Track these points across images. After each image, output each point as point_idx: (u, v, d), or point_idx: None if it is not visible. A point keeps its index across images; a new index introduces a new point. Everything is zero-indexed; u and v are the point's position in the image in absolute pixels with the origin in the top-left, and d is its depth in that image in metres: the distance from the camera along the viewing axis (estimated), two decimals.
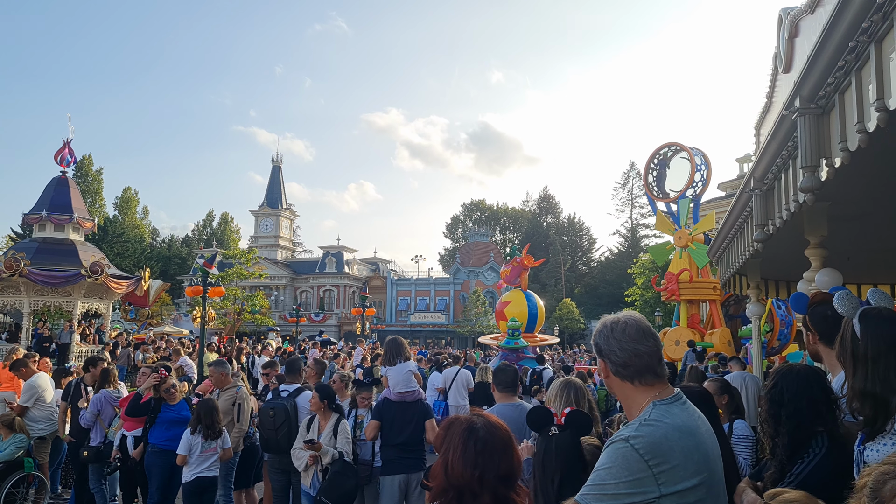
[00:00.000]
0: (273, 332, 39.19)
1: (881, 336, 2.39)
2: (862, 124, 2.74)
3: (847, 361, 2.45)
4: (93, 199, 62.11)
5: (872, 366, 2.35)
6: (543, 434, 2.71)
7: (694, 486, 1.82)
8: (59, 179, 21.69)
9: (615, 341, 2.03)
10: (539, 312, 18.87)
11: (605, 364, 2.07)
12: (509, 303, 18.72)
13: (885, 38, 2.57)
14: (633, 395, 2.02)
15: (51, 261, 19.73)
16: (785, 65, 4.99)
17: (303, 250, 74.36)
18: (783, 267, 8.01)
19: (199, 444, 6.10)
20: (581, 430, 2.70)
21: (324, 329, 53.24)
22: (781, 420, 2.73)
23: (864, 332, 2.42)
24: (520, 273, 19.29)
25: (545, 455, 2.65)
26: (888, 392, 2.29)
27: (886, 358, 2.34)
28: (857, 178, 4.06)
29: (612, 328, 2.06)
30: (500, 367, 5.07)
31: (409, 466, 5.65)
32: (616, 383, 2.06)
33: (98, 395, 7.42)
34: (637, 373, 2.00)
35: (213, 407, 6.29)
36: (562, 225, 77.11)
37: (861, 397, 2.34)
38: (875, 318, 2.44)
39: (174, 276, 62.79)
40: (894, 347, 2.36)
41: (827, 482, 2.39)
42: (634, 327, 2.04)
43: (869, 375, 2.34)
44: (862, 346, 2.40)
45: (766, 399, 2.89)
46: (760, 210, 4.75)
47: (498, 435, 2.09)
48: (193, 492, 6.11)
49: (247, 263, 42.80)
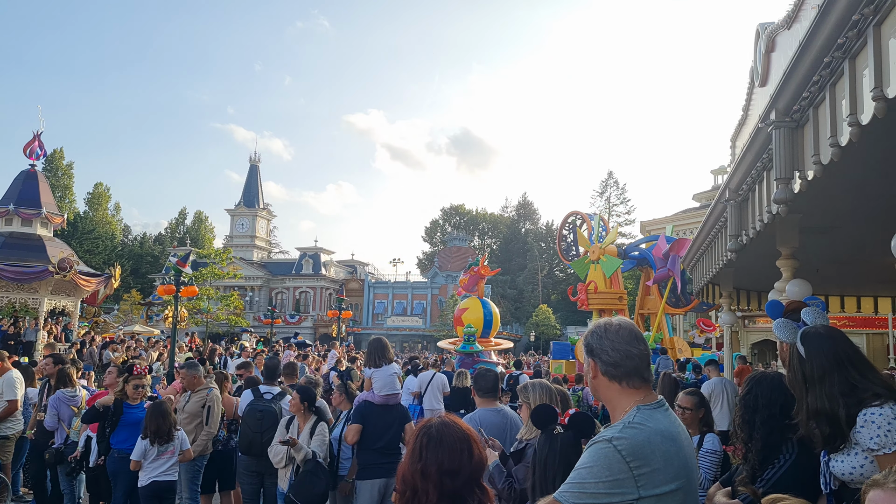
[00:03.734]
0: (247, 334, 38.75)
1: (823, 353, 2.46)
2: (835, 138, 2.80)
3: (798, 385, 2.51)
4: (63, 193, 60.93)
5: (819, 385, 2.42)
6: (547, 433, 2.72)
7: (672, 491, 1.85)
8: (28, 173, 21.22)
9: (608, 341, 2.06)
10: (494, 319, 19.73)
11: (594, 364, 2.09)
12: (466, 310, 19.50)
13: (859, 54, 2.63)
14: (618, 397, 2.04)
15: (17, 256, 19.27)
16: (761, 79, 5.09)
17: (279, 251, 73.79)
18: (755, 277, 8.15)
19: (155, 449, 5.95)
20: (583, 431, 2.71)
21: (299, 331, 52.71)
22: (755, 425, 2.78)
23: (808, 353, 2.48)
24: (477, 282, 20.14)
25: (548, 454, 2.67)
26: (836, 407, 2.36)
27: (831, 375, 2.42)
28: (828, 191, 4.15)
29: (605, 329, 2.09)
30: (480, 373, 5.05)
31: (388, 471, 5.56)
32: (603, 384, 2.08)
33: (54, 396, 7.24)
34: (626, 374, 2.03)
35: (161, 412, 6.03)
36: (540, 231, 77.48)
37: (816, 417, 2.40)
38: (814, 337, 2.51)
39: (146, 275, 61.80)
40: (836, 364, 2.43)
41: (795, 487, 2.43)
42: (627, 330, 2.08)
43: (818, 394, 2.41)
44: (808, 368, 2.47)
45: (740, 405, 2.93)
46: (735, 220, 4.83)
47: (449, 432, 2.13)
48: (151, 496, 5.95)
49: (221, 263, 42.27)
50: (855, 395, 2.35)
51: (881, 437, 2.23)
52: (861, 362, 2.44)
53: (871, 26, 2.46)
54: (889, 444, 2.22)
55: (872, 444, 2.25)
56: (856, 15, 2.49)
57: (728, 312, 9.53)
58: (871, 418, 2.27)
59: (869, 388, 2.35)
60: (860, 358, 2.46)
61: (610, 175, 72.71)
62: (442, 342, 21.97)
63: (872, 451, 2.25)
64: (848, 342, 2.50)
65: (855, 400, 2.33)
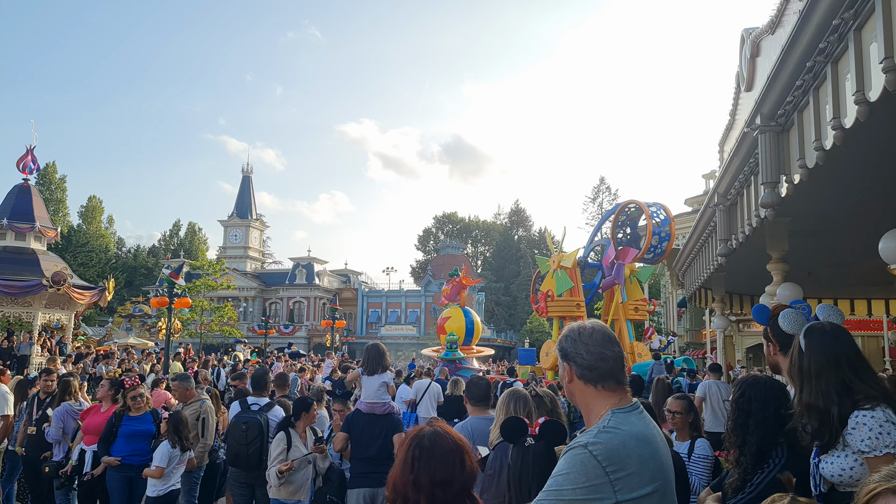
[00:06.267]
0: (241, 345, 38.59)
1: (823, 352, 2.47)
2: (819, 142, 2.83)
3: (796, 377, 2.53)
4: (56, 207, 60.61)
5: (815, 381, 2.43)
6: (519, 445, 2.69)
7: (649, 494, 1.85)
8: (21, 187, 21.17)
9: (582, 345, 2.05)
10: (476, 327, 20.49)
11: (569, 368, 2.08)
12: (449, 318, 20.20)
13: (840, 58, 2.66)
14: (593, 400, 2.04)
15: (11, 270, 19.20)
16: (747, 83, 5.12)
17: (273, 261, 73.56)
18: (747, 281, 8.18)
19: (177, 454, 6.01)
20: (556, 439, 2.68)
21: (293, 341, 52.55)
22: (749, 429, 2.77)
23: (808, 348, 2.49)
24: (459, 291, 20.89)
25: (522, 467, 2.63)
26: (829, 404, 2.37)
27: (828, 373, 2.42)
28: (816, 194, 4.18)
29: (579, 332, 2.09)
30: (472, 381, 5.04)
31: (376, 481, 5.55)
32: (578, 388, 2.07)
33: (60, 408, 7.20)
34: (601, 377, 2.02)
35: (181, 418, 6.22)
36: (533, 238, 77.56)
37: (807, 411, 2.42)
38: (818, 333, 2.52)
39: (140, 287, 61.49)
40: (835, 363, 2.44)
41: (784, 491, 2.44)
42: (601, 333, 2.08)
43: (813, 390, 2.42)
44: (806, 362, 2.48)
45: (733, 408, 2.92)
46: (724, 225, 4.86)
47: (441, 442, 2.11)
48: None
49: (215, 275, 42.15)
50: (849, 395, 2.36)
51: (872, 439, 2.24)
52: (860, 364, 2.45)
53: (852, 31, 2.48)
54: (880, 446, 2.23)
55: (864, 446, 2.25)
56: (836, 20, 2.52)
57: (720, 317, 9.55)
58: (863, 420, 2.28)
59: (862, 391, 2.36)
60: (860, 360, 2.47)
61: (602, 181, 73.12)
62: (426, 350, 22.59)
63: (863, 453, 2.26)
64: (851, 343, 2.51)
65: (849, 401, 2.34)
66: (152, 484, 5.96)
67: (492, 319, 62.92)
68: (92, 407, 7.25)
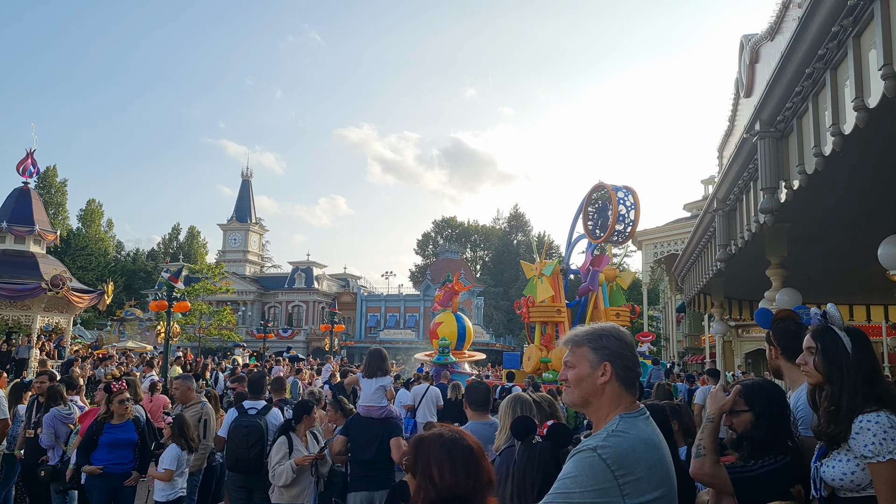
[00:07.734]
0: (240, 349, 38.55)
1: (836, 352, 2.48)
2: (819, 148, 2.84)
3: (833, 375, 2.47)
4: (56, 210, 60.63)
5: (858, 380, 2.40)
6: (526, 442, 2.77)
7: (656, 499, 1.85)
8: (21, 190, 21.19)
9: (626, 346, 2.04)
10: (468, 332, 20.96)
11: (610, 367, 2.01)
12: (441, 323, 20.54)
13: (839, 65, 2.68)
14: (611, 402, 2.01)
15: (10, 273, 19.20)
16: (746, 89, 5.15)
17: (272, 265, 73.49)
18: (746, 286, 8.19)
19: (186, 460, 5.99)
20: (561, 441, 2.76)
21: (292, 345, 52.47)
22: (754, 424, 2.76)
23: (823, 349, 2.50)
24: (451, 297, 21.31)
25: (527, 462, 2.71)
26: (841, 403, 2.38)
27: (839, 374, 2.44)
28: (815, 200, 4.19)
29: (620, 333, 2.06)
30: (472, 385, 5.06)
31: (374, 484, 5.55)
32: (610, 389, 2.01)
33: (49, 414, 7.17)
34: (632, 381, 2.02)
35: (186, 420, 6.23)
36: (531, 243, 77.65)
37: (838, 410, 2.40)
38: (858, 335, 2.53)
39: (139, 291, 61.44)
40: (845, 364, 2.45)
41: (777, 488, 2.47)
42: (630, 337, 2.09)
43: (857, 389, 2.39)
44: (819, 362, 2.49)
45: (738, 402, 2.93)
46: (723, 230, 4.87)
47: (471, 445, 2.12)
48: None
49: (214, 278, 42.12)
50: (854, 398, 2.36)
51: (876, 444, 2.24)
52: (872, 368, 2.45)
53: (851, 38, 2.50)
54: (884, 452, 2.23)
55: (867, 451, 2.25)
56: (835, 27, 2.53)
57: (720, 322, 9.56)
58: (867, 426, 2.28)
59: (868, 394, 2.36)
60: (872, 364, 2.47)
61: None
62: (418, 355, 22.98)
63: (866, 458, 2.25)
64: (868, 348, 2.50)
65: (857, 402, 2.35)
66: (160, 488, 5.93)
67: (490, 324, 62.85)
68: (89, 410, 7.24)
